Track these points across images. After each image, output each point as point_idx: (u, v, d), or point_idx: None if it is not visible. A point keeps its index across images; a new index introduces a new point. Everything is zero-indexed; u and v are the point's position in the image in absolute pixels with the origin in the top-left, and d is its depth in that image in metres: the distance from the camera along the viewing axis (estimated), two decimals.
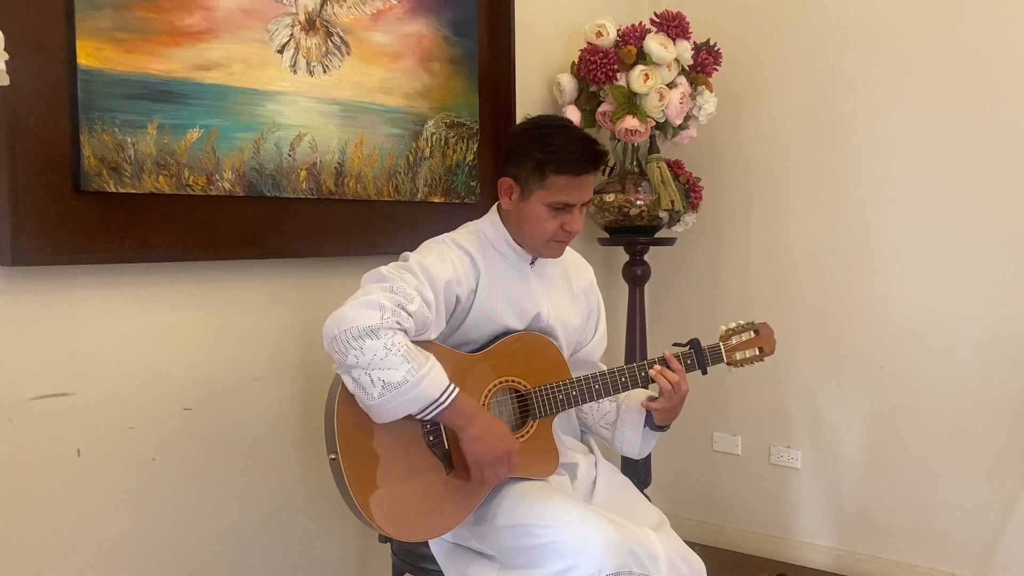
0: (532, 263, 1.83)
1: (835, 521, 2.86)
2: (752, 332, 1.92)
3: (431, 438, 1.67)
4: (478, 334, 1.77)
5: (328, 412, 1.65)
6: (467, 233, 1.80)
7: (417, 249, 1.74)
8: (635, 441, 1.90)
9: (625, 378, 1.81)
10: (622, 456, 2.77)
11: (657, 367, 1.79)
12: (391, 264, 1.67)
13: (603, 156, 1.75)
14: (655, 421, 1.85)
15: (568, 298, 1.90)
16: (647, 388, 1.86)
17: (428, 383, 1.55)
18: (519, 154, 1.74)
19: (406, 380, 1.53)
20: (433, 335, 1.68)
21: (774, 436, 2.97)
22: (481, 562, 1.69)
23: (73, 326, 1.76)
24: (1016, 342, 2.52)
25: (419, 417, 1.59)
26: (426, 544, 1.77)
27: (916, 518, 2.70)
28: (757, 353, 1.92)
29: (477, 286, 1.74)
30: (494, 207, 1.84)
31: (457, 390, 1.58)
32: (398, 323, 1.56)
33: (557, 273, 1.89)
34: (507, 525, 1.65)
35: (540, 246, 1.77)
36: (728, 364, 1.90)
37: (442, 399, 1.56)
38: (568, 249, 1.89)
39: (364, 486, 1.61)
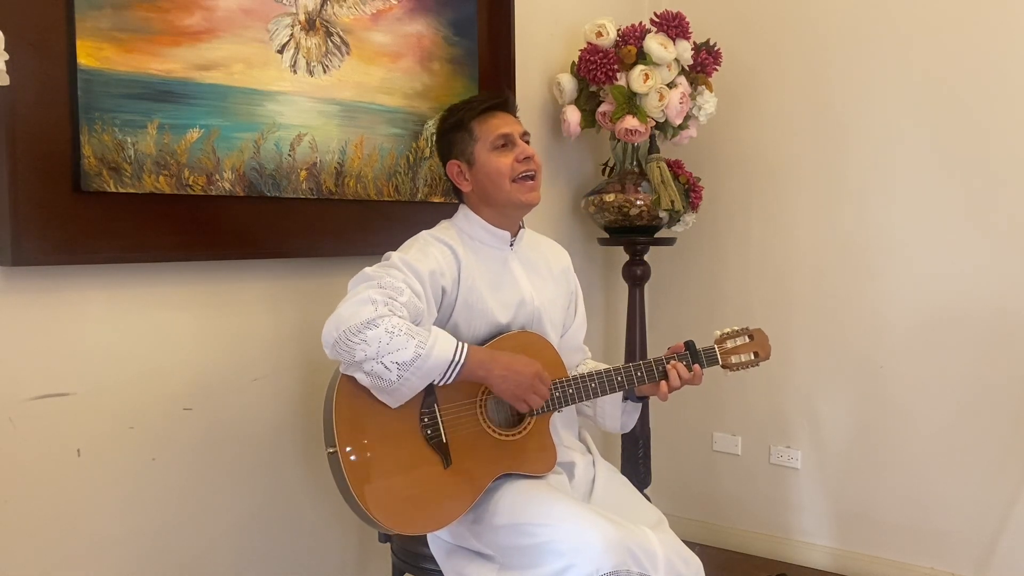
0: (512, 245, 1.87)
1: (835, 521, 2.86)
2: (747, 336, 1.93)
3: (429, 432, 1.67)
4: (469, 331, 1.78)
5: (327, 406, 1.66)
6: (444, 228, 1.86)
7: (399, 248, 1.78)
8: (616, 415, 1.93)
9: (621, 377, 1.82)
10: (622, 456, 2.79)
11: (675, 362, 1.83)
12: (375, 265, 1.70)
13: (506, 93, 1.92)
14: (635, 392, 1.88)
15: (550, 281, 1.93)
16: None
17: (440, 349, 1.59)
18: (446, 138, 1.88)
19: (418, 354, 1.56)
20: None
21: (774, 436, 2.97)
22: (480, 562, 1.69)
23: (73, 326, 1.76)
24: (1016, 342, 2.52)
25: (441, 383, 1.62)
26: (426, 544, 1.78)
27: (916, 518, 2.70)
28: (752, 358, 1.93)
29: (460, 276, 1.77)
30: (460, 206, 1.90)
31: (467, 345, 1.63)
32: (390, 311, 1.59)
33: (536, 257, 1.93)
34: (505, 524, 1.65)
35: (514, 192, 1.80)
36: (724, 367, 1.90)
37: (457, 359, 1.61)
38: (543, 237, 2.01)
39: (362, 480, 1.62)
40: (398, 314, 1.59)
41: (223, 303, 2.00)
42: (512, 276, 1.86)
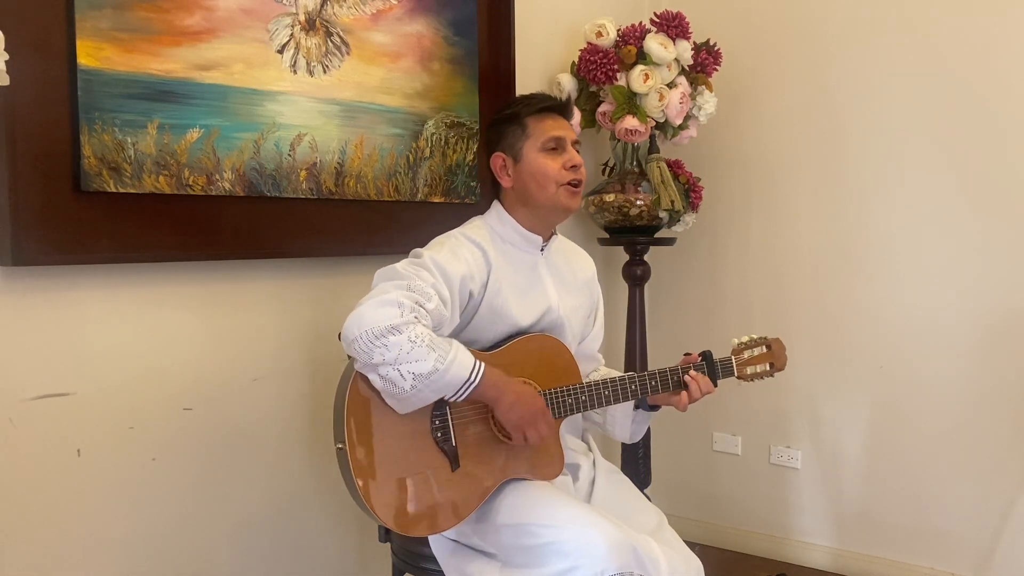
0: (542, 250, 1.86)
1: (835, 521, 2.86)
2: (764, 347, 1.93)
3: (439, 434, 1.67)
4: (488, 332, 1.77)
5: (338, 402, 1.65)
6: (476, 227, 1.82)
7: (428, 245, 1.75)
8: (626, 424, 1.92)
9: (635, 386, 1.81)
10: (622, 456, 2.78)
11: (693, 373, 1.82)
12: (404, 261, 1.68)
13: (565, 98, 1.89)
14: (648, 401, 1.87)
15: (575, 289, 1.92)
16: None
17: (457, 366, 1.57)
18: (497, 129, 1.85)
19: (436, 369, 1.55)
20: (446, 332, 1.69)
21: (774, 436, 2.97)
22: (482, 560, 1.69)
23: (73, 326, 1.76)
24: (1016, 342, 2.52)
25: (451, 400, 1.61)
26: (426, 544, 1.78)
27: (916, 518, 2.70)
28: (767, 368, 1.93)
29: (488, 279, 1.75)
30: (495, 202, 1.87)
31: (484, 366, 1.61)
32: (416, 318, 1.57)
33: (564, 264, 1.92)
34: (509, 524, 1.65)
35: (555, 197, 1.79)
36: (739, 378, 1.90)
37: (472, 379, 1.59)
38: (573, 244, 1.99)
39: (369, 478, 1.62)
40: (423, 322, 1.57)
41: (223, 303, 2.00)
42: (541, 283, 1.84)
